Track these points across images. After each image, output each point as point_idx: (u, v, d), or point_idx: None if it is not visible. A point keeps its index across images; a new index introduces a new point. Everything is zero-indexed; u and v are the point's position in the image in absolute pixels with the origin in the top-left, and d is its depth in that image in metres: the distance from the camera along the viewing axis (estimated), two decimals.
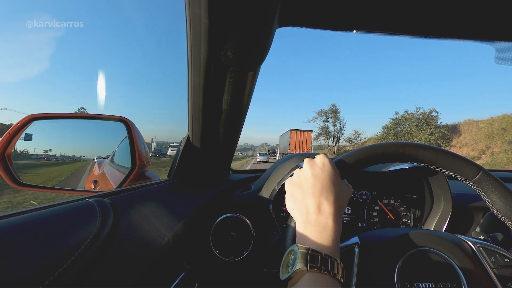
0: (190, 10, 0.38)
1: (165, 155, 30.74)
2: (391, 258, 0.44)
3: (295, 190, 0.42)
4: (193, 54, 0.45)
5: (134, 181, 0.78)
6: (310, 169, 0.42)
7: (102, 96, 33.79)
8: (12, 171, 0.75)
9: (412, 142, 0.46)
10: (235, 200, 0.75)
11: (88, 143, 1.17)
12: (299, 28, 0.45)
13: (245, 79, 0.50)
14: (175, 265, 0.57)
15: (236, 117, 0.60)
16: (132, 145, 0.80)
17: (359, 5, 0.41)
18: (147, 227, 0.46)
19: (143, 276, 0.40)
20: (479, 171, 0.42)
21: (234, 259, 0.67)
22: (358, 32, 0.46)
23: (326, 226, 0.37)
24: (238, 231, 0.69)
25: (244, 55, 0.44)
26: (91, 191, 1.06)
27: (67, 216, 0.35)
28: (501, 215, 0.41)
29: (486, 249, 0.44)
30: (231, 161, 0.85)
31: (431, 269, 0.43)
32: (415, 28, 0.46)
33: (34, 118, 0.74)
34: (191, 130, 0.64)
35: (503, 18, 0.44)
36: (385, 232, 0.51)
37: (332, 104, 37.23)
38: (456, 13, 0.43)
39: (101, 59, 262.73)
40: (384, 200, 0.83)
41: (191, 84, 0.52)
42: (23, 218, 0.31)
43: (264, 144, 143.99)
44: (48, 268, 0.28)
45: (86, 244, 0.32)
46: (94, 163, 1.45)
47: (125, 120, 0.81)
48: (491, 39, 0.51)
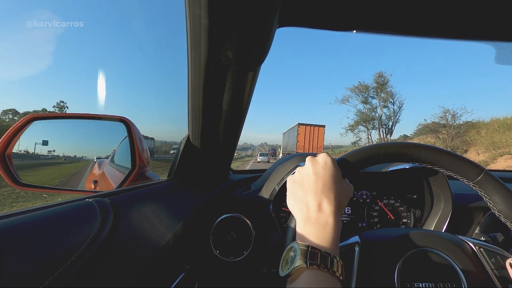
0: (190, 10, 0.38)
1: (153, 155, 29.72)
2: (392, 258, 0.44)
3: (296, 188, 0.42)
4: (193, 54, 0.45)
5: (134, 181, 0.78)
6: (312, 167, 0.42)
7: (102, 96, 33.86)
8: (12, 171, 0.75)
9: (414, 142, 0.46)
10: (235, 200, 0.75)
11: (88, 143, 1.17)
12: (299, 28, 0.45)
13: (245, 79, 0.50)
14: (175, 265, 0.57)
15: (236, 117, 0.60)
16: (132, 145, 0.80)
17: (359, 5, 0.41)
18: (147, 227, 0.46)
19: (143, 276, 0.40)
20: (481, 172, 0.42)
21: (234, 259, 0.67)
22: (358, 32, 0.46)
23: (326, 224, 0.37)
24: (238, 231, 0.69)
25: (244, 55, 0.44)
26: (91, 191, 1.06)
27: (67, 216, 0.35)
28: (502, 216, 0.41)
29: (487, 250, 0.44)
30: (231, 161, 0.85)
31: (431, 269, 0.43)
32: (415, 28, 0.46)
33: (34, 118, 0.74)
34: (191, 130, 0.64)
35: (503, 18, 0.44)
36: (386, 232, 0.51)
37: (379, 74, 22.74)
38: (456, 13, 0.43)
39: (101, 59, 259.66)
40: (384, 200, 0.83)
41: (191, 84, 0.52)
42: (23, 218, 0.32)
43: (264, 144, 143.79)
44: (48, 268, 0.28)
45: (86, 244, 0.32)
46: (94, 163, 1.45)
47: (125, 120, 0.81)
48: (491, 39, 0.51)
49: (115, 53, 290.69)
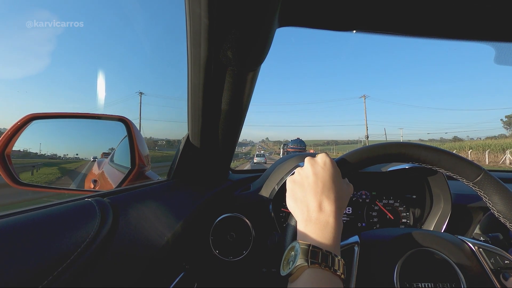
0: (190, 10, 0.38)
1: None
2: (391, 258, 0.44)
3: (296, 189, 0.42)
4: (193, 54, 0.45)
5: (134, 181, 0.78)
6: (311, 168, 0.42)
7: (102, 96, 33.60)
8: (11, 171, 0.75)
9: (413, 143, 0.46)
10: (234, 200, 0.75)
11: (88, 142, 1.17)
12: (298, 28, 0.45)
13: (245, 79, 0.50)
14: (174, 264, 0.57)
15: (236, 117, 0.60)
16: (132, 144, 0.80)
17: (359, 5, 0.41)
18: (146, 227, 0.46)
19: (143, 276, 0.40)
20: (481, 172, 0.42)
21: (234, 259, 0.67)
22: (358, 32, 0.46)
23: (327, 224, 0.37)
24: (237, 231, 0.69)
25: (244, 55, 0.44)
26: (90, 191, 1.05)
27: (67, 215, 0.35)
28: (502, 217, 0.41)
29: (486, 250, 0.44)
30: (231, 161, 0.85)
31: (430, 269, 0.43)
32: (415, 29, 0.46)
33: (34, 118, 0.74)
34: (190, 130, 0.64)
35: (503, 18, 0.44)
36: (385, 232, 0.51)
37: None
38: (456, 14, 0.43)
39: (101, 59, 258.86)
40: (383, 200, 0.83)
41: (191, 84, 0.52)
42: (22, 217, 0.31)
43: (265, 140, 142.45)
44: (48, 267, 0.28)
45: (85, 244, 0.32)
46: (94, 162, 1.45)
47: (125, 120, 0.81)
48: (491, 40, 0.51)
49: (115, 52, 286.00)
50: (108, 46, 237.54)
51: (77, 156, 1.30)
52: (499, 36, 0.49)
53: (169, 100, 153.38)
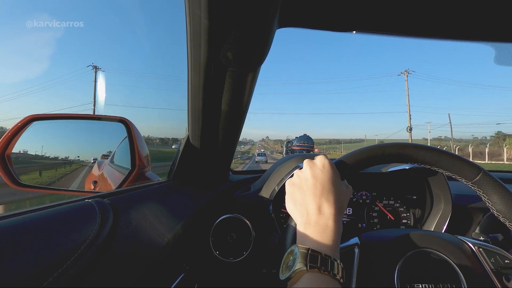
0: (190, 10, 0.38)
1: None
2: (392, 259, 0.44)
3: (295, 191, 0.42)
4: (193, 55, 0.45)
5: (134, 182, 0.78)
6: (310, 170, 0.42)
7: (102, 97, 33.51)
8: (11, 172, 0.75)
9: (412, 143, 0.46)
10: (235, 200, 0.75)
11: (88, 143, 1.17)
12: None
13: (245, 80, 0.50)
14: (174, 265, 0.57)
15: (236, 118, 0.60)
16: (132, 145, 0.80)
17: (359, 6, 0.41)
18: (146, 228, 0.46)
19: (143, 277, 0.40)
20: (479, 172, 0.42)
21: (234, 260, 0.67)
22: (358, 33, 0.46)
23: (326, 227, 0.37)
24: (238, 231, 0.69)
25: (244, 56, 0.44)
26: (90, 192, 1.05)
27: (67, 216, 0.35)
28: (501, 216, 0.41)
29: (486, 250, 0.44)
30: (231, 162, 0.85)
31: (431, 270, 0.43)
32: (415, 29, 0.46)
33: (34, 119, 0.74)
34: (191, 131, 0.64)
35: (503, 19, 0.44)
36: (386, 233, 0.51)
37: None
38: (456, 14, 0.43)
39: (101, 59, 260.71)
40: (384, 201, 0.83)
41: (191, 84, 0.52)
42: (23, 218, 0.31)
43: (265, 139, 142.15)
44: (48, 268, 0.28)
45: (85, 245, 0.32)
46: (94, 163, 1.45)
47: (125, 121, 0.81)
48: (491, 40, 0.51)
49: (115, 53, 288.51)
50: (108, 47, 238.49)
51: (78, 158, 1.30)
52: (499, 36, 0.49)
53: (169, 100, 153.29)
